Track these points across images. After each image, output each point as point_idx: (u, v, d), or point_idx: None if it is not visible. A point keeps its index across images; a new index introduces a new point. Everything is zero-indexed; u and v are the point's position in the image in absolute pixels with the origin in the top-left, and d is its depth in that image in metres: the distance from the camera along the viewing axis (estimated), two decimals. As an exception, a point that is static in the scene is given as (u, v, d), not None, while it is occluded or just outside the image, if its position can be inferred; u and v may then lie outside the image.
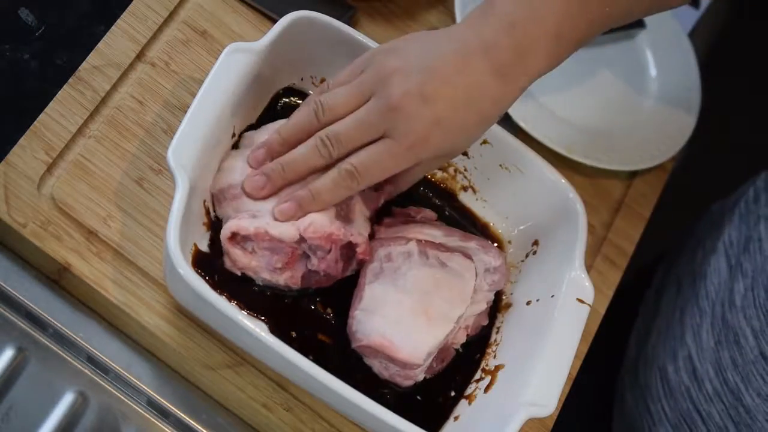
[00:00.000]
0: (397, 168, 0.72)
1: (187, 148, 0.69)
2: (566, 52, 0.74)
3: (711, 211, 1.02)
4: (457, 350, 0.78)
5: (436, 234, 0.79)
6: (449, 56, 0.71)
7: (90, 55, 0.79)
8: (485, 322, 0.79)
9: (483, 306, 0.79)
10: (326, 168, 0.73)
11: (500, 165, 0.83)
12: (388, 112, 0.70)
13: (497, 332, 0.80)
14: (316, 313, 0.76)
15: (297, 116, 0.74)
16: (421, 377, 0.75)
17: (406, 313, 0.74)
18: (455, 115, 0.71)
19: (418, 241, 0.77)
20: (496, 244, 0.84)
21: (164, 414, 0.75)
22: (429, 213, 0.82)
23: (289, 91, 0.82)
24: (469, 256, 0.78)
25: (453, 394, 0.77)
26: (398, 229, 0.78)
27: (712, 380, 0.84)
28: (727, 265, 0.87)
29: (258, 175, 0.73)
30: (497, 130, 0.81)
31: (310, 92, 0.83)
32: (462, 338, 0.78)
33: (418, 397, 0.76)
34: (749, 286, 0.84)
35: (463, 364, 0.78)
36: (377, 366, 0.75)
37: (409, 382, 0.75)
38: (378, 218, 0.80)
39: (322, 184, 0.72)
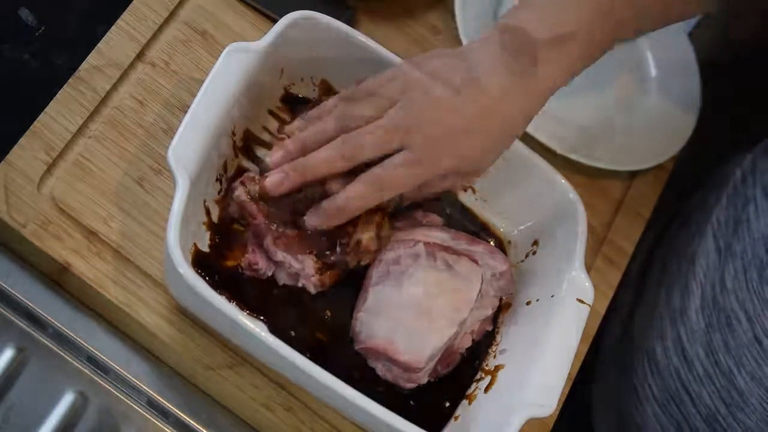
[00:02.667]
0: (419, 179, 0.72)
1: (187, 148, 0.69)
2: (598, 51, 0.75)
3: (693, 194, 1.01)
4: (462, 354, 0.78)
5: (443, 237, 0.79)
6: (478, 66, 0.72)
7: (90, 55, 0.79)
8: (490, 327, 0.79)
9: (488, 311, 0.78)
10: (344, 175, 0.73)
11: (500, 165, 0.83)
12: (413, 120, 0.71)
13: (497, 332, 0.80)
14: (316, 313, 0.76)
15: (320, 125, 0.74)
16: (424, 380, 0.75)
17: (409, 316, 0.74)
18: (481, 124, 0.72)
19: (426, 243, 0.77)
20: (492, 241, 0.84)
21: (164, 414, 0.75)
22: (435, 218, 0.82)
23: (290, 91, 0.82)
24: (475, 261, 0.78)
25: (454, 395, 0.77)
26: (407, 232, 0.78)
27: (703, 362, 0.84)
28: (716, 247, 0.87)
29: (277, 172, 0.73)
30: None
31: (310, 93, 0.83)
32: (467, 343, 0.78)
33: (420, 398, 0.76)
34: (740, 268, 0.83)
35: (465, 368, 0.78)
36: (381, 368, 0.75)
37: (411, 385, 0.75)
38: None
39: (351, 194, 0.72)
